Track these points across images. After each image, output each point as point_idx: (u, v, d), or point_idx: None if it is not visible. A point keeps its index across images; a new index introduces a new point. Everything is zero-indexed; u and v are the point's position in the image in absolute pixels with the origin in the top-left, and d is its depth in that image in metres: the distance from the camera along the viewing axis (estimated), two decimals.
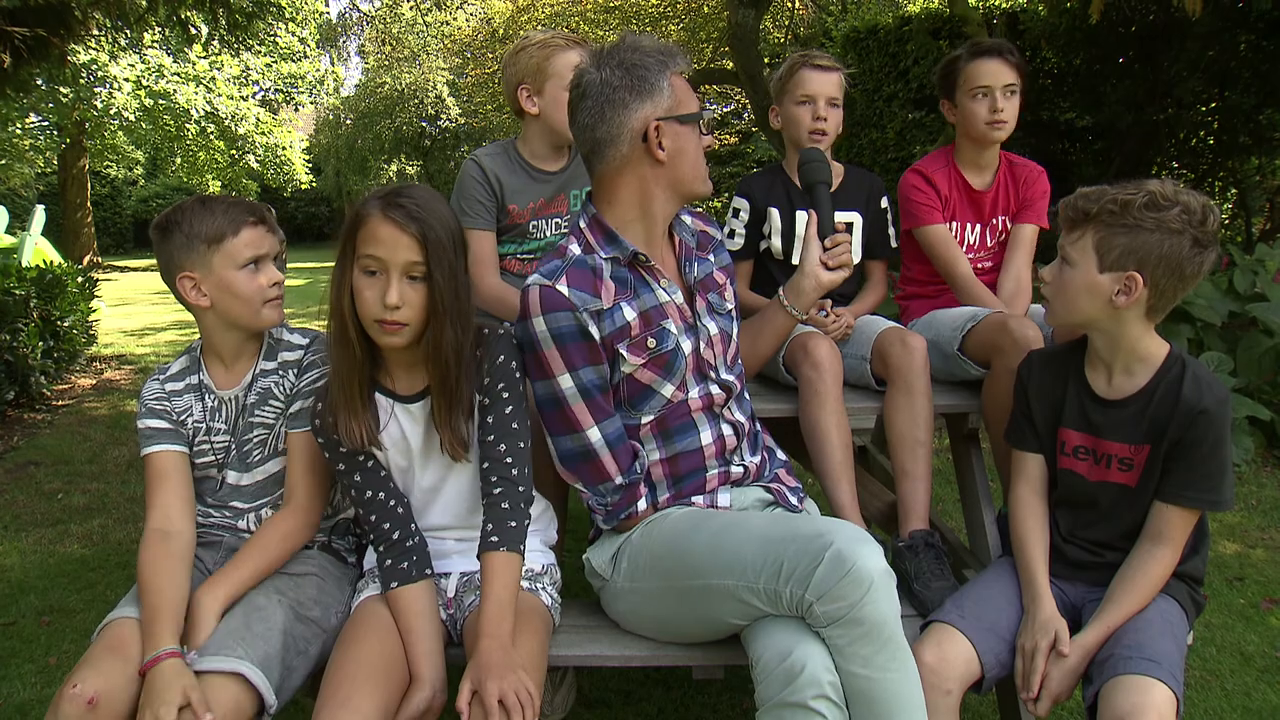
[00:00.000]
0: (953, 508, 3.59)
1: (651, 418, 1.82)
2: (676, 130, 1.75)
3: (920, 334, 2.32)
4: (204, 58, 16.58)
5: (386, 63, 23.13)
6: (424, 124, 23.86)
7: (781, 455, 2.07)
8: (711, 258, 1.97)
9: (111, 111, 15.89)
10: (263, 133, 18.68)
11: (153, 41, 15.25)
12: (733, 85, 12.68)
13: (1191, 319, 4.50)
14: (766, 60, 11.20)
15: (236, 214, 1.81)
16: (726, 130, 16.12)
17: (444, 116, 23.52)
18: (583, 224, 1.83)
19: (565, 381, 1.73)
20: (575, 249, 1.79)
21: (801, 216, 2.53)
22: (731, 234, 2.59)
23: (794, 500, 1.95)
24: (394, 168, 24.13)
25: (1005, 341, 2.14)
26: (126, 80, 15.70)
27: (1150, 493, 1.80)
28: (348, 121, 24.57)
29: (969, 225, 2.60)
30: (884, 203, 2.65)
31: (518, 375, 1.75)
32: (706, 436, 1.86)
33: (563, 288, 1.72)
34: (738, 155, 14.96)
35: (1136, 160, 7.43)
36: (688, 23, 12.88)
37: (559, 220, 2.51)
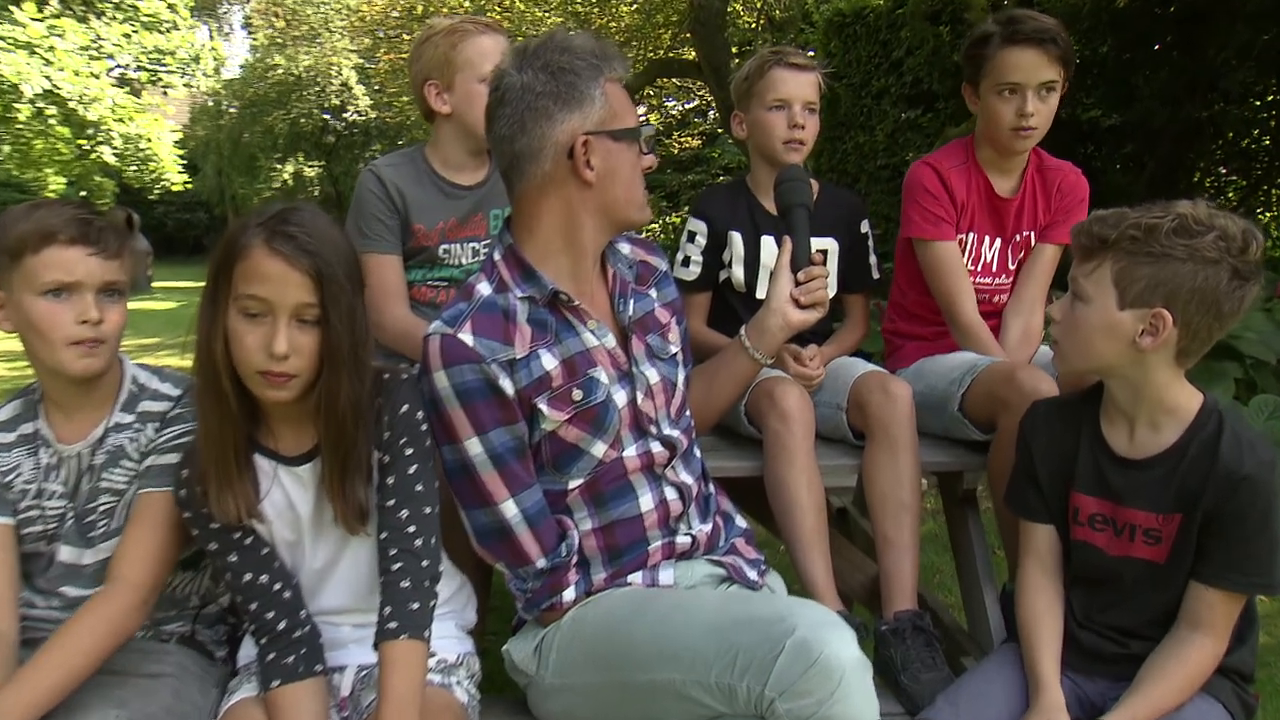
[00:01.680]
0: (952, 580, 3.62)
1: (581, 481, 1.85)
2: (609, 147, 1.80)
3: (908, 383, 2.37)
4: (39, 20, 16.03)
5: (279, 40, 23.10)
6: (327, 116, 23.86)
7: (741, 522, 2.11)
8: (653, 292, 2.02)
9: None
10: (121, 119, 18.32)
11: None
12: (694, 78, 12.88)
13: (1240, 356, 4.57)
14: (735, 49, 11.35)
15: (49, 225, 1.73)
16: (688, 131, 16.33)
17: (351, 108, 23.53)
18: (496, 257, 1.86)
19: (474, 446, 1.76)
20: (485, 288, 1.83)
21: (768, 243, 2.59)
22: (686, 261, 2.65)
23: (752, 575, 1.98)
24: (290, 168, 24.07)
25: (1014, 397, 2.17)
26: None
27: (1183, 570, 1.83)
28: (231, 110, 24.47)
29: (987, 239, 2.62)
30: (865, 226, 2.71)
31: (424, 427, 1.77)
32: (646, 501, 1.90)
33: (466, 336, 1.75)
34: (701, 160, 15.17)
35: (1175, 165, 7.57)
36: (642, 4, 13.06)
37: (476, 245, 2.55)
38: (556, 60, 1.77)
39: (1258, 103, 7.56)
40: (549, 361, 1.80)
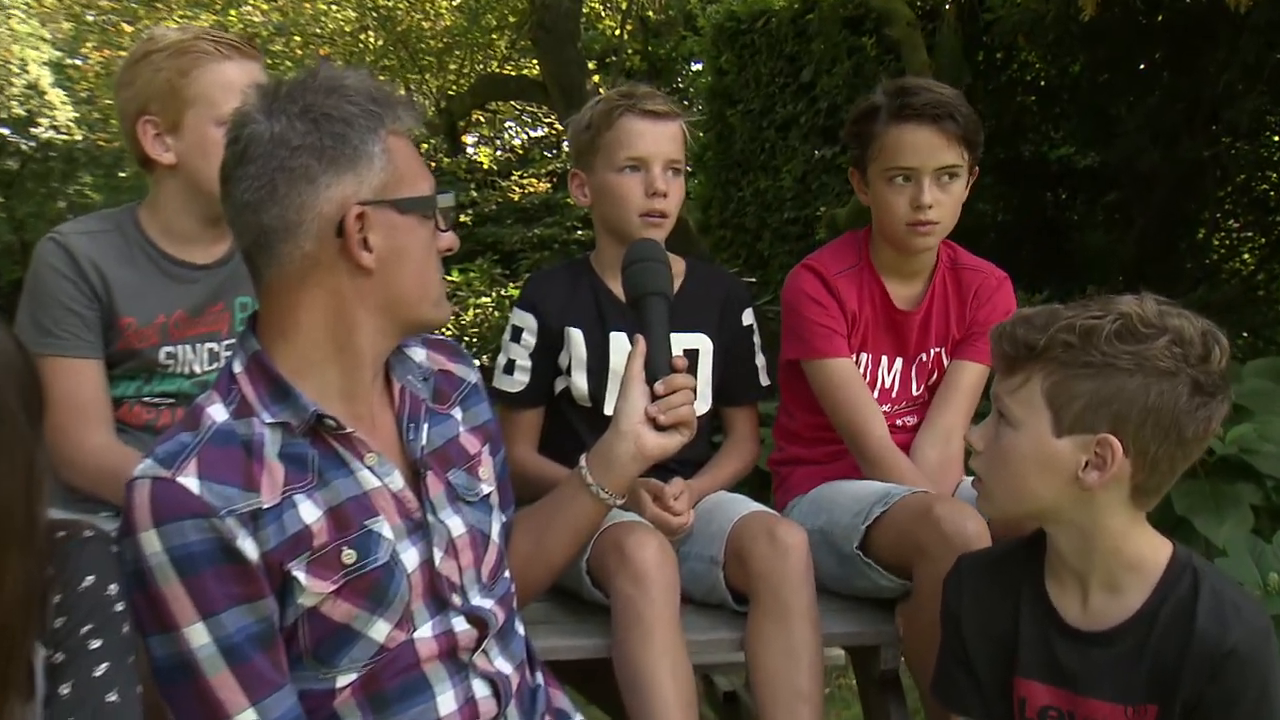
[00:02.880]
0: None
1: (354, 677, 1.84)
2: (393, 221, 1.83)
3: (802, 522, 2.48)
4: None
5: None
6: (5, 131, 23.28)
7: None
8: (457, 413, 2.06)
9: None
10: None
11: None
12: (539, 101, 12.96)
13: (1258, 476, 4.63)
14: (593, 65, 11.36)
15: None
16: (532, 169, 16.42)
17: (45, 121, 23.02)
18: (237, 369, 1.86)
19: (198, 635, 1.73)
20: (218, 412, 1.81)
21: (619, 341, 2.67)
22: (510, 367, 2.72)
23: None
24: None
25: (931, 539, 2.28)
26: None
27: None
28: None
29: (885, 360, 2.79)
30: (748, 317, 2.83)
31: (119, 608, 1.73)
32: (447, 701, 1.90)
33: (190, 480, 1.73)
34: (551, 208, 15.14)
35: (1172, 218, 7.85)
36: (467, 0, 13.16)
37: (214, 346, 2.56)
38: (320, 104, 1.80)
39: (1275, 137, 7.96)
40: (309, 512, 1.80)
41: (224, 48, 2.51)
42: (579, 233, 14.01)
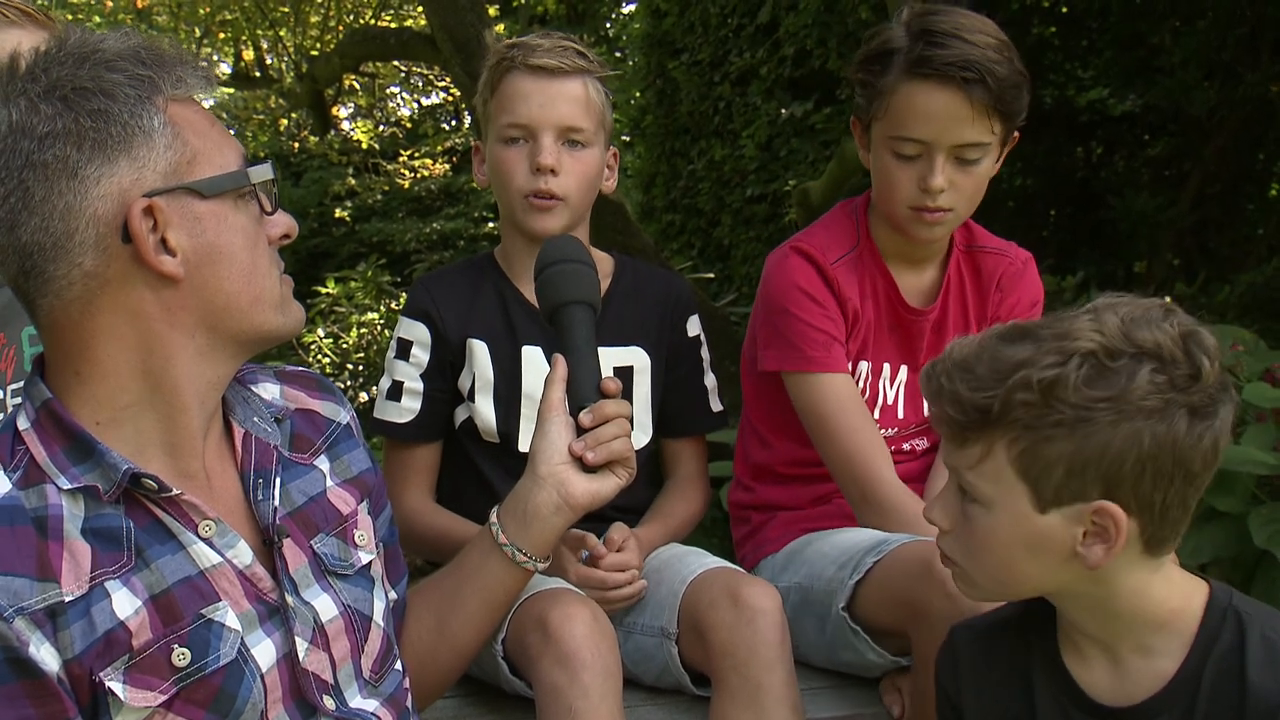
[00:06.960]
0: None
1: None
2: (195, 211, 1.80)
3: (774, 580, 2.46)
4: None
5: None
6: None
7: None
8: (322, 463, 2.04)
9: None
10: None
11: None
12: (430, 61, 12.83)
13: None
14: (495, 10, 11.25)
15: None
16: (425, 146, 16.30)
17: None
18: (22, 424, 1.82)
19: None
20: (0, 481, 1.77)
21: (533, 358, 2.67)
22: (396, 391, 2.70)
23: None
24: None
25: (934, 597, 2.26)
26: None
27: None
28: None
29: (886, 369, 2.76)
30: (693, 326, 2.82)
31: None
32: None
33: None
34: (453, 196, 15.01)
35: (1234, 171, 7.87)
36: None
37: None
38: (71, 78, 1.74)
39: None
40: (126, 602, 1.75)
41: (10, 11, 2.45)
42: (489, 225, 13.87)
